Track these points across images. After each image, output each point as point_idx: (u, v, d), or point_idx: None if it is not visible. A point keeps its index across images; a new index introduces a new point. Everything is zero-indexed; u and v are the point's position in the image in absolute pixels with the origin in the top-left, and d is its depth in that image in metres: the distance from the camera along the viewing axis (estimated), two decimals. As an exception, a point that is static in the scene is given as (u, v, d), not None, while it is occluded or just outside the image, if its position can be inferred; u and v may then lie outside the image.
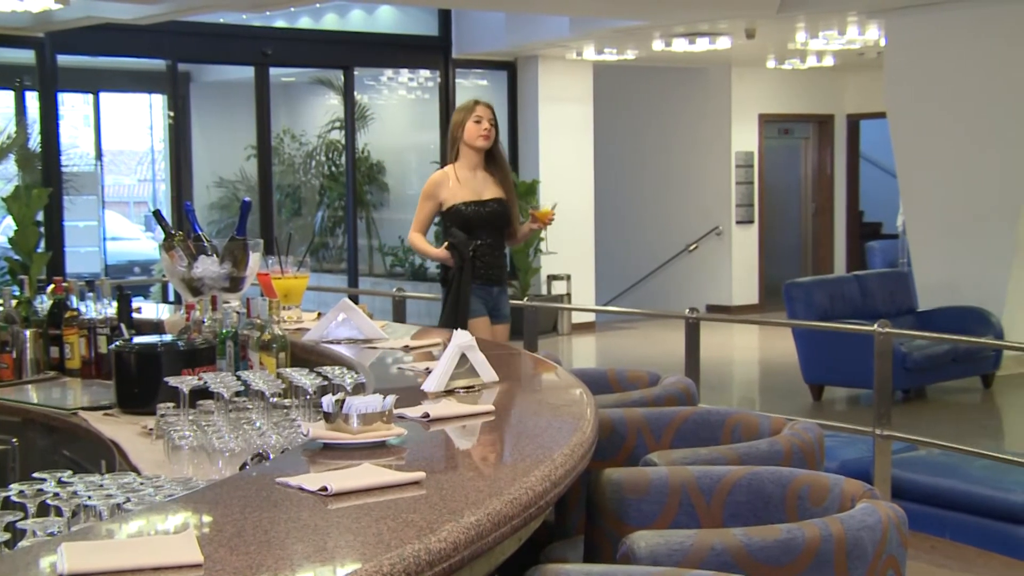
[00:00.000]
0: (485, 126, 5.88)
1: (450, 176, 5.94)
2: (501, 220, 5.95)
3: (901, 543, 2.45)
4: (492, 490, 2.10)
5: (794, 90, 15.86)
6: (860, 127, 16.53)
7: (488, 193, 5.93)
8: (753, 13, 10.75)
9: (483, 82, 14.40)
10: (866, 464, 5.39)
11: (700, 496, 2.72)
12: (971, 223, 10.20)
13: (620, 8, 10.88)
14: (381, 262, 15.22)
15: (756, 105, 15.44)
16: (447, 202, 5.94)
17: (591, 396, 3.09)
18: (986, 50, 9.95)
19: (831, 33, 11.66)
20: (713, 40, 12.03)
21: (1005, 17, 9.75)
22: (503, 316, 6.02)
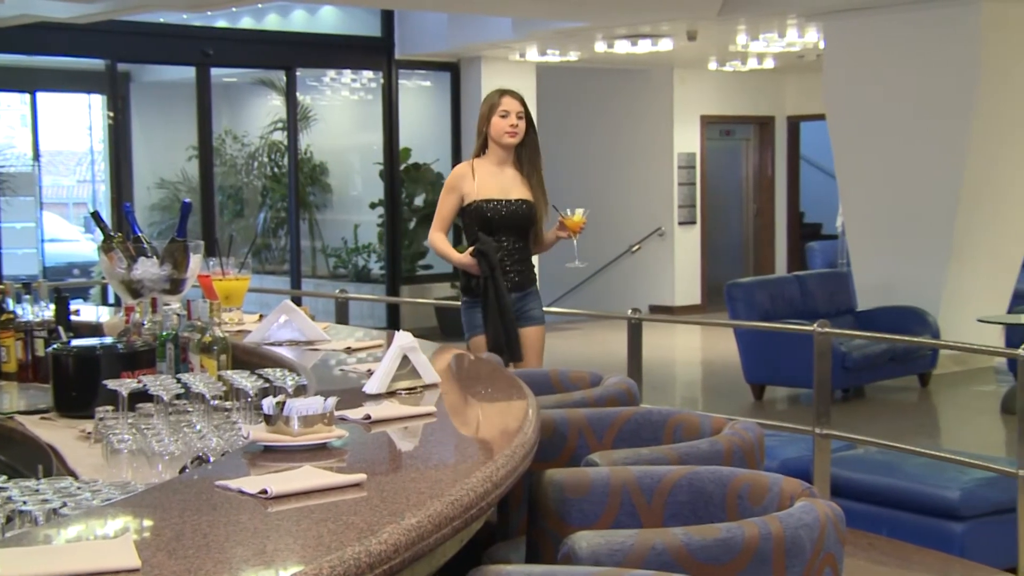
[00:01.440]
0: (512, 121, 5.35)
1: (475, 169, 5.44)
2: (525, 223, 5.42)
3: (838, 540, 2.48)
4: (433, 492, 2.10)
5: (735, 92, 15.99)
6: (800, 129, 16.69)
7: (515, 192, 5.41)
8: (694, 15, 10.82)
9: (426, 83, 14.39)
10: (806, 463, 5.44)
11: (641, 496, 2.74)
12: (909, 224, 10.34)
13: (562, 10, 10.92)
14: (324, 263, 15.16)
15: (698, 107, 15.54)
16: (469, 197, 5.41)
17: (533, 397, 3.10)
18: (922, 53, 10.09)
19: (771, 36, 11.77)
20: (655, 42, 12.11)
21: (940, 21, 9.89)
22: (531, 318, 5.49)
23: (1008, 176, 10.23)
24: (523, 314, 5.43)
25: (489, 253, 5.28)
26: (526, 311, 5.45)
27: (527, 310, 5.46)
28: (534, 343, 5.41)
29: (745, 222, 16.84)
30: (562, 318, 15.09)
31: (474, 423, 2.89)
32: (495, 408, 3.07)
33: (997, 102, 9.87)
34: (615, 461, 2.92)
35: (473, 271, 5.32)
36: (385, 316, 13.64)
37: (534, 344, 5.41)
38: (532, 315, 5.47)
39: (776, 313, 9.69)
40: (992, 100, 9.83)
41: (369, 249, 14.48)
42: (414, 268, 14.04)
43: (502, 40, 12.54)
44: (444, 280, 13.97)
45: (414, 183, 13.89)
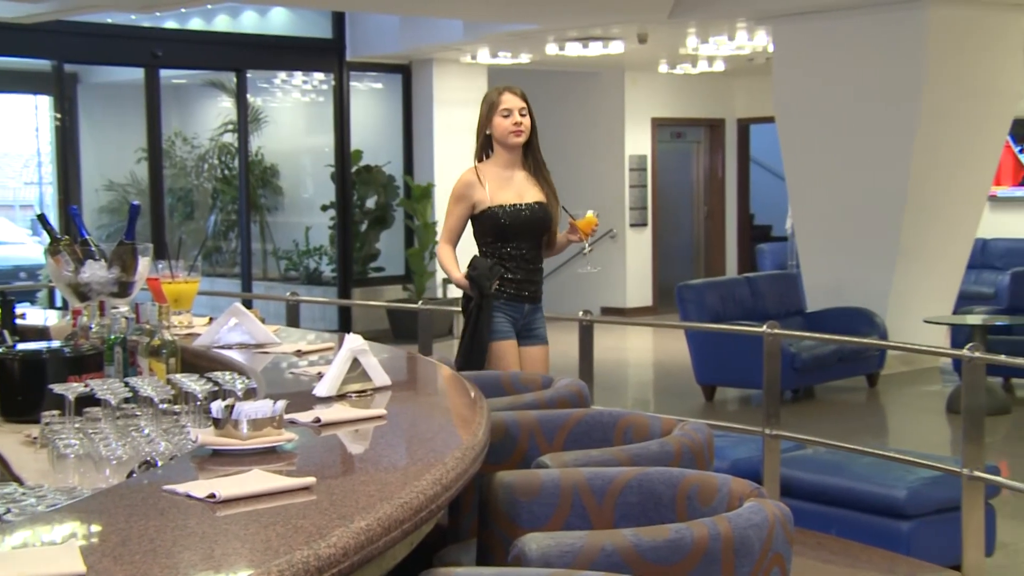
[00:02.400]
0: (516, 119, 5.00)
1: (482, 174, 5.07)
2: (541, 227, 5.06)
3: (787, 540, 2.50)
4: (383, 494, 2.10)
5: (686, 94, 16.07)
6: (750, 131, 16.81)
7: (530, 195, 5.04)
8: (645, 18, 10.87)
9: (378, 85, 14.36)
10: (756, 463, 5.48)
11: (591, 497, 2.75)
12: (857, 226, 10.44)
13: (513, 12, 10.93)
14: (275, 266, 15.08)
15: (649, 109, 15.61)
16: (481, 204, 5.03)
17: (484, 399, 3.10)
18: (869, 57, 10.19)
19: (721, 39, 11.84)
20: (606, 44, 12.15)
21: (887, 24, 9.99)
22: (537, 336, 5.11)
23: (953, 179, 10.35)
24: (530, 332, 5.08)
25: (479, 279, 4.94)
26: (534, 329, 5.10)
27: (535, 328, 5.11)
28: (539, 364, 5.07)
29: (696, 224, 16.94)
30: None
31: (424, 426, 2.89)
32: (446, 410, 3.07)
33: (943, 104, 9.99)
34: (565, 463, 2.92)
35: (471, 292, 5.01)
36: (337, 319, 13.60)
37: (538, 364, 5.07)
38: (538, 334, 5.12)
39: (727, 314, 9.75)
40: (938, 102, 9.95)
41: (320, 252, 14.43)
42: (366, 270, 14.00)
43: (453, 42, 12.54)
44: (396, 283, 13.95)
45: (366, 185, 13.85)
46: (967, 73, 10.17)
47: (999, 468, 5.66)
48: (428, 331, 7.66)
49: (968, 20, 10.06)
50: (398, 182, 13.98)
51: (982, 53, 10.27)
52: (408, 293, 13.65)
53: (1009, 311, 10.19)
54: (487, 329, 4.93)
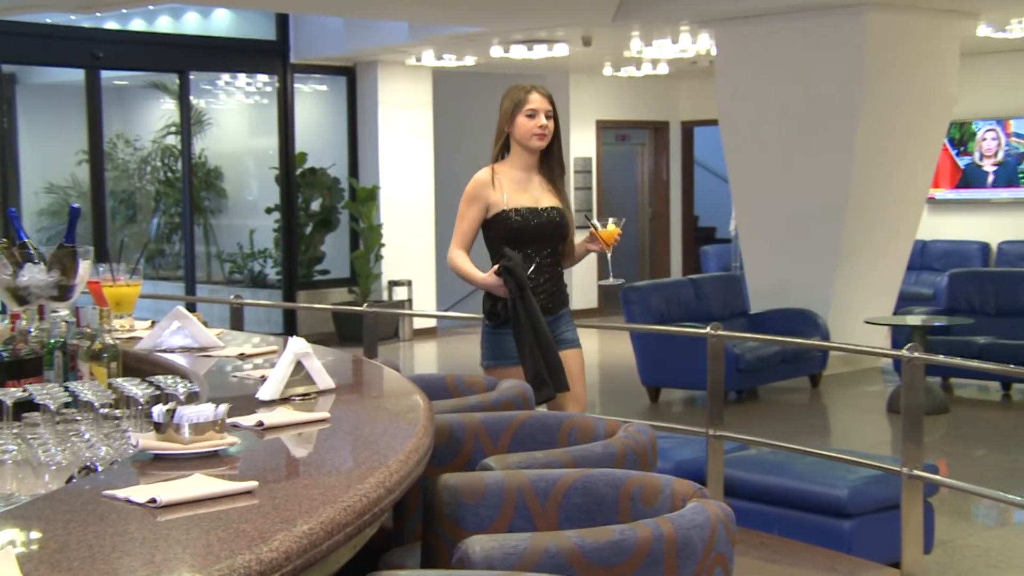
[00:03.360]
0: (541, 121, 4.67)
1: (498, 175, 4.76)
2: (559, 234, 4.77)
3: (729, 540, 2.52)
4: (326, 498, 2.09)
5: (630, 97, 16.15)
6: (694, 134, 16.91)
7: (546, 201, 4.74)
8: (589, 21, 10.92)
9: (322, 87, 14.31)
10: (700, 464, 5.52)
11: (535, 499, 2.76)
12: (799, 228, 10.54)
13: (458, 15, 10.94)
14: (219, 269, 14.98)
15: (594, 112, 15.67)
16: (495, 207, 4.72)
17: (428, 402, 3.10)
18: (810, 60, 10.29)
19: (664, 42, 11.91)
20: (551, 47, 12.18)
21: (827, 29, 10.10)
22: (565, 341, 4.80)
23: (893, 181, 10.48)
24: (557, 338, 4.73)
25: (516, 270, 4.56)
26: (560, 334, 4.77)
27: (561, 333, 4.78)
28: (575, 368, 4.78)
29: (641, 226, 17.02)
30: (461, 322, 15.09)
31: (368, 428, 2.88)
32: (390, 413, 3.06)
33: (881, 108, 10.11)
34: (510, 465, 2.93)
35: (500, 292, 4.61)
36: (281, 322, 13.53)
37: (576, 369, 4.78)
38: (567, 338, 4.81)
39: (671, 316, 9.81)
40: (876, 106, 10.07)
41: (265, 254, 14.35)
42: (311, 273, 13.94)
43: (398, 44, 12.53)
44: (341, 285, 13.90)
45: (310, 188, 13.80)
46: (905, 77, 10.30)
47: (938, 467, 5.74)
48: (373, 334, 7.64)
49: (904, 25, 10.20)
50: (343, 184, 13.94)
51: (919, 58, 10.41)
52: (353, 296, 13.61)
53: (947, 312, 10.33)
54: (543, 324, 4.55)
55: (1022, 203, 14.10)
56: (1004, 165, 14.17)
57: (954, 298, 10.47)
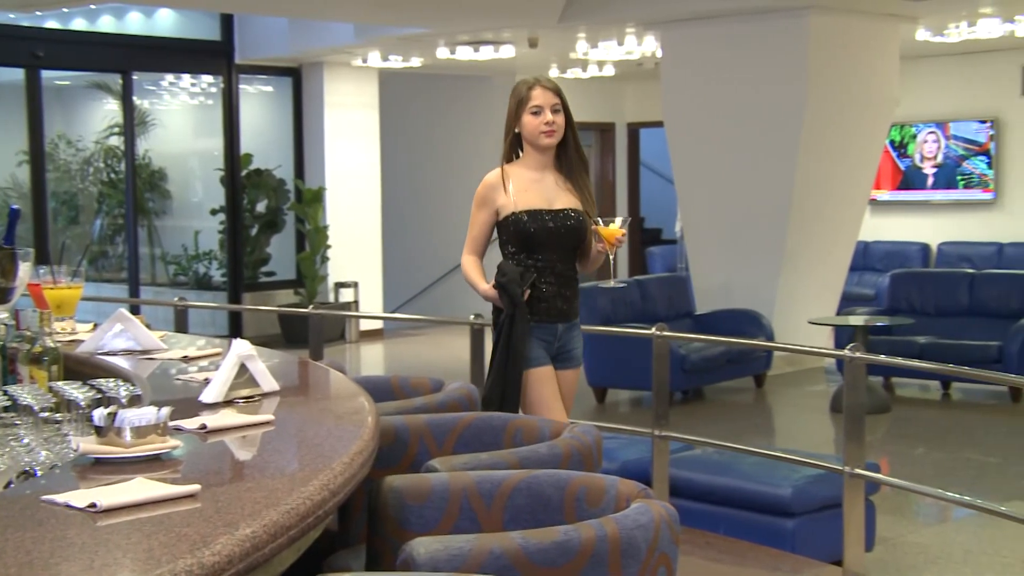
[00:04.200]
0: (547, 117, 4.42)
1: (509, 176, 4.52)
2: (573, 237, 4.47)
3: (672, 540, 2.53)
4: (269, 501, 2.08)
5: (576, 99, 16.00)
6: (640, 135, 16.99)
7: (560, 201, 4.46)
8: (535, 22, 10.94)
9: (268, 88, 14.23)
10: (645, 464, 5.54)
11: (480, 501, 2.76)
12: (744, 229, 10.62)
13: (404, 16, 10.92)
14: (164, 271, 14.84)
15: (540, 113, 15.66)
16: (505, 210, 4.47)
17: (373, 404, 3.09)
18: (754, 63, 10.38)
19: (610, 44, 11.96)
20: (497, 48, 12.19)
21: (770, 31, 10.19)
22: (573, 359, 4.54)
23: (836, 182, 10.59)
24: (568, 353, 4.51)
25: (510, 287, 4.34)
26: (571, 349, 4.53)
27: (572, 348, 4.53)
28: (570, 389, 4.56)
29: (587, 227, 17.04)
30: (407, 324, 15.08)
31: (313, 431, 2.87)
32: (334, 415, 3.05)
33: (824, 110, 10.22)
34: (455, 467, 2.93)
35: (500, 305, 4.42)
36: (227, 324, 13.43)
37: (569, 389, 4.56)
38: (574, 355, 4.55)
39: (617, 317, 9.84)
40: (819, 108, 10.17)
41: (210, 256, 14.24)
42: (256, 275, 13.86)
43: (344, 45, 12.49)
44: (287, 287, 13.83)
45: (256, 189, 13.72)
46: (847, 80, 10.42)
47: (879, 465, 5.80)
48: (319, 335, 7.62)
49: (846, 29, 10.31)
50: (289, 186, 13.87)
51: (860, 61, 10.53)
52: (299, 297, 13.54)
53: (889, 312, 10.45)
54: (523, 348, 4.34)
55: (961, 204, 14.30)
56: (943, 167, 14.36)
57: (895, 298, 10.60)
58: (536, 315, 4.42)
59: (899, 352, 9.38)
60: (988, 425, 9.11)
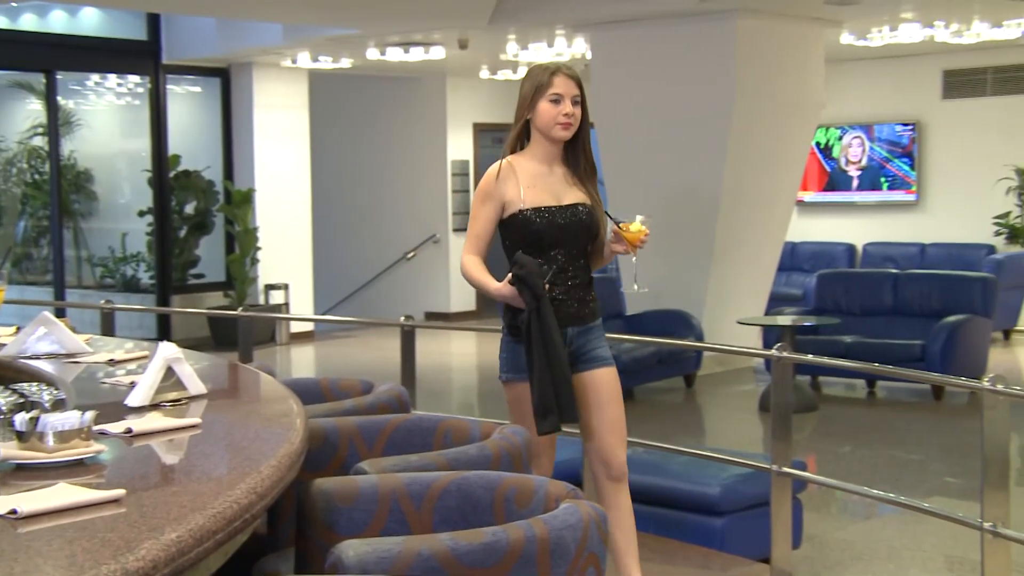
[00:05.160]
0: (566, 108, 4.05)
1: (515, 169, 4.11)
2: (586, 234, 4.14)
3: (601, 540, 2.55)
4: (195, 505, 2.07)
5: (507, 100, 16.19)
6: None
7: (569, 197, 4.11)
8: (465, 24, 10.94)
9: (196, 88, 14.08)
10: (576, 464, 5.56)
11: (410, 503, 2.76)
12: (673, 230, 10.68)
13: (333, 16, 10.86)
14: (90, 273, 14.64)
15: (471, 114, 15.70)
16: (512, 205, 4.08)
17: (301, 406, 3.08)
18: (682, 65, 10.46)
19: (540, 45, 11.99)
20: (427, 50, 12.17)
21: (698, 34, 10.28)
22: (595, 359, 4.15)
23: (764, 183, 10.71)
24: (587, 354, 4.13)
25: (530, 279, 3.92)
26: (590, 351, 4.15)
27: (591, 349, 4.15)
28: (607, 388, 4.16)
29: (518, 229, 17.08)
30: (338, 326, 15.02)
31: (240, 434, 2.85)
32: (262, 418, 3.03)
33: (752, 112, 10.32)
34: (384, 468, 2.93)
35: (517, 303, 3.97)
36: (155, 327, 13.28)
37: (608, 389, 4.16)
38: (598, 354, 4.16)
39: (548, 318, 9.86)
40: (747, 110, 10.27)
41: (138, 258, 14.07)
42: (185, 277, 13.72)
43: (273, 46, 12.40)
44: (216, 289, 13.71)
45: (184, 191, 13.58)
46: (774, 82, 10.54)
47: (806, 463, 5.88)
48: (249, 338, 7.55)
49: (772, 32, 10.43)
50: (218, 187, 13.75)
51: (787, 63, 10.66)
52: (229, 300, 13.43)
53: (816, 312, 10.59)
54: (560, 340, 3.95)
55: (885, 206, 14.52)
56: (868, 169, 14.58)
57: (822, 298, 10.73)
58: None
59: (826, 351, 9.50)
60: (911, 423, 9.26)
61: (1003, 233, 13.43)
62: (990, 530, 3.96)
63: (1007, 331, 12.65)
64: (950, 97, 14.08)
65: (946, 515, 4.70)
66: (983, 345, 10.05)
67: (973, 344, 9.89)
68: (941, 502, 6.59)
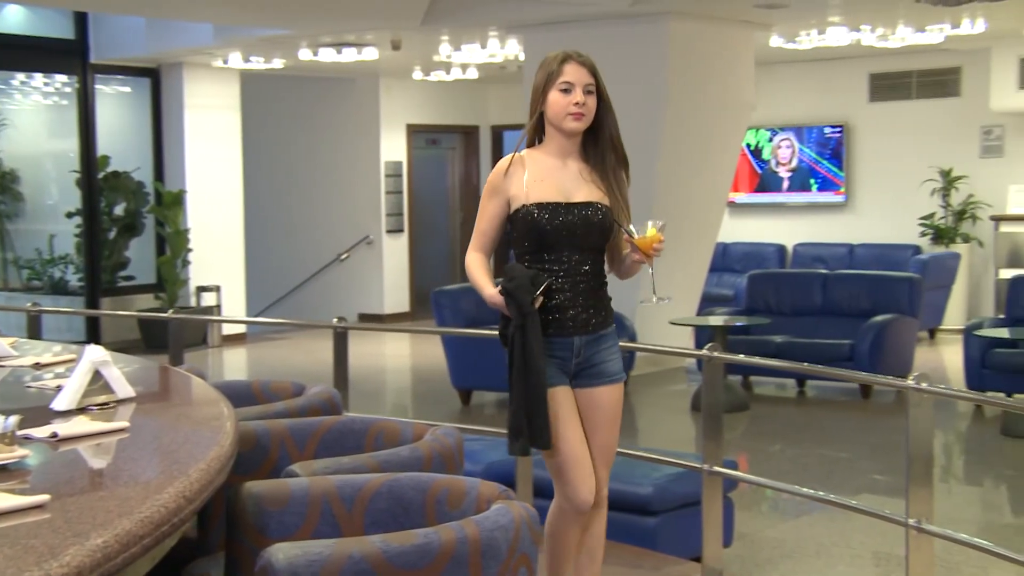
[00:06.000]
0: (576, 98, 3.79)
1: (526, 163, 3.83)
2: (600, 236, 3.85)
3: (533, 541, 2.56)
4: (122, 510, 2.05)
5: (441, 101, 16.21)
6: (504, 138, 17.07)
7: (581, 194, 3.81)
8: (398, 25, 10.91)
9: (126, 88, 13.92)
10: (510, 465, 5.56)
11: (341, 505, 2.75)
12: (606, 231, 10.74)
13: (264, 17, 10.79)
14: (16, 275, 14.41)
15: (404, 116, 15.67)
16: (517, 201, 3.80)
17: (232, 409, 3.06)
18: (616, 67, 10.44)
19: (473, 47, 12.00)
20: (360, 51, 12.13)
21: (632, 37, 10.34)
22: (603, 374, 3.85)
23: (696, 184, 10.79)
24: (594, 368, 3.83)
25: (517, 293, 3.68)
26: (598, 364, 3.84)
27: (600, 362, 3.84)
28: (606, 411, 3.85)
29: (452, 229, 17.09)
30: (271, 328, 14.93)
31: (169, 438, 2.83)
32: (192, 421, 3.01)
33: (684, 113, 10.40)
34: (315, 471, 2.92)
35: (507, 312, 3.75)
36: (84, 330, 13.10)
37: (606, 413, 3.85)
38: (606, 369, 3.85)
39: (482, 319, 9.85)
40: (679, 111, 10.35)
41: (66, 260, 13.87)
42: (115, 279, 13.55)
43: (203, 46, 12.29)
44: (147, 291, 13.56)
45: (114, 192, 13.41)
46: (706, 85, 10.63)
47: (737, 463, 5.93)
48: (179, 341, 7.48)
49: (704, 34, 10.52)
50: (148, 188, 13.60)
51: (718, 66, 10.76)
52: (160, 302, 13.28)
53: (747, 312, 10.69)
54: (542, 362, 3.67)
55: (814, 207, 14.70)
56: (797, 171, 14.75)
57: (753, 299, 10.84)
58: (549, 327, 3.76)
59: (756, 351, 9.59)
60: (841, 421, 9.38)
61: (928, 234, 13.65)
62: (915, 526, 4.03)
63: (932, 330, 12.86)
64: (877, 100, 14.29)
65: (873, 512, 4.77)
66: (909, 344, 10.22)
67: (900, 343, 10.05)
68: (869, 499, 6.68)
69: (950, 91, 13.82)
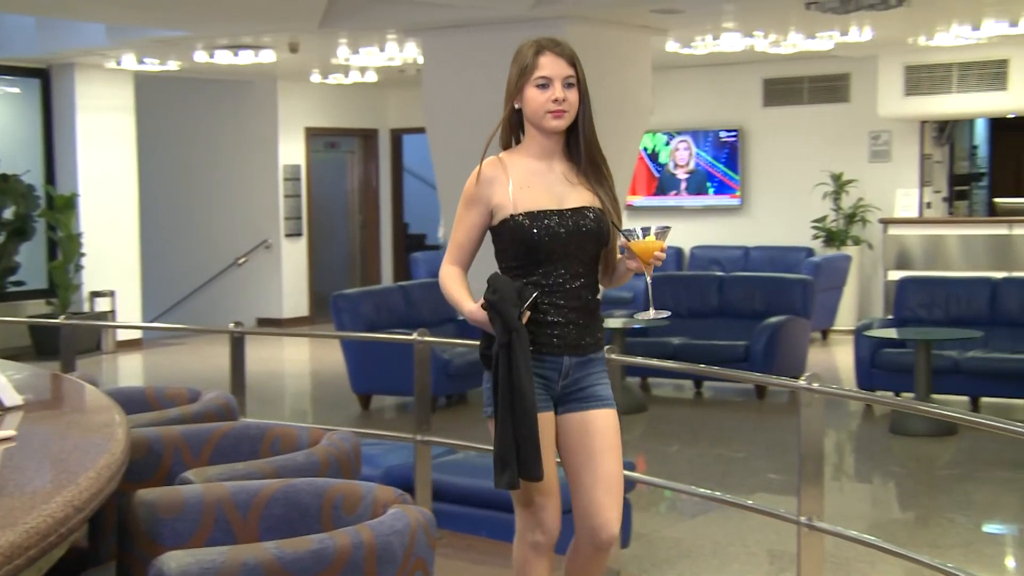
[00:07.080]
0: (556, 93, 3.48)
1: (506, 168, 3.51)
2: (594, 245, 3.47)
3: (428, 545, 2.57)
4: (6, 521, 2.01)
5: (339, 104, 16.12)
6: (403, 141, 17.05)
7: (573, 199, 3.47)
8: (295, 27, 10.83)
9: (14, 89, 13.60)
10: (408, 469, 5.56)
11: (236, 512, 2.73)
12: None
13: (158, 17, 10.63)
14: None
15: (302, 119, 15.57)
16: (502, 210, 3.45)
17: (123, 416, 3.02)
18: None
19: (372, 50, 11.96)
20: (257, 53, 12.02)
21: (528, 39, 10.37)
22: (592, 398, 3.45)
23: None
24: (583, 391, 3.45)
25: (503, 307, 3.31)
26: (588, 387, 3.46)
27: (589, 385, 3.46)
28: (604, 434, 3.45)
29: (351, 233, 17.01)
30: (167, 334, 14.70)
31: (58, 446, 2.78)
32: (82, 429, 2.96)
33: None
34: (209, 477, 2.89)
35: (490, 330, 3.35)
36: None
37: (604, 436, 3.45)
38: (596, 392, 3.46)
39: (381, 323, 9.85)
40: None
41: (-48, 265, 13.53)
42: (4, 285, 13.23)
43: (96, 47, 12.07)
44: (38, 297, 13.27)
45: (3, 195, 13.09)
46: (603, 88, 10.63)
47: (635, 464, 5.99)
48: (72, 347, 7.35)
49: (602, 38, 10.60)
50: (39, 192, 13.31)
51: (615, 70, 10.84)
52: (52, 308, 13.02)
53: (645, 314, 10.78)
54: (530, 385, 3.27)
55: (710, 210, 14.92)
56: (695, 174, 14.95)
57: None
58: (537, 345, 3.37)
59: (654, 353, 9.70)
60: (736, 422, 9.53)
61: (820, 236, 13.93)
62: (806, 523, 4.11)
63: (824, 331, 13.12)
64: (770, 105, 14.56)
65: (766, 511, 4.85)
66: (803, 345, 10.42)
67: (793, 344, 10.24)
68: (764, 498, 6.80)
69: (840, 97, 14.14)
